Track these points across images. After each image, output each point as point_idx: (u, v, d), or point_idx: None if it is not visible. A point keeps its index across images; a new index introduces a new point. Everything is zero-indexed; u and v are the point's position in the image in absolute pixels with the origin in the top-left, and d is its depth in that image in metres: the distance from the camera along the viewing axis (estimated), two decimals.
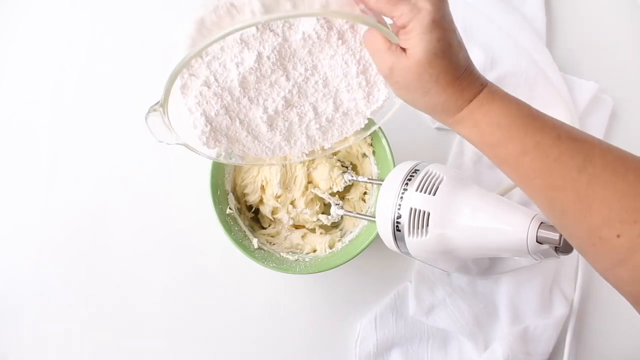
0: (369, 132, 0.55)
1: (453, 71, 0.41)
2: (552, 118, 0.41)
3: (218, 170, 0.57)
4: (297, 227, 0.62)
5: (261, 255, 0.57)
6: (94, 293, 0.63)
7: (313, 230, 0.61)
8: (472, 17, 0.69)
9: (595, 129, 0.67)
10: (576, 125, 0.66)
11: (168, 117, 0.44)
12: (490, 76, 0.67)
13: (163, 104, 0.42)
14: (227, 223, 0.57)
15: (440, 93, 0.41)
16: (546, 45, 0.68)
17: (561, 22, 0.70)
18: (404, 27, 0.40)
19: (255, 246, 0.57)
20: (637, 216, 0.35)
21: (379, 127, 0.58)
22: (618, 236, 0.35)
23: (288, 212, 0.60)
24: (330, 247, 0.59)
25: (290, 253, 0.59)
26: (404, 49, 0.41)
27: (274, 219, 0.61)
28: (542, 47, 0.68)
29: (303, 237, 0.60)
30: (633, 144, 0.68)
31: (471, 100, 0.42)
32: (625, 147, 0.68)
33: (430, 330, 0.63)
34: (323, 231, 0.61)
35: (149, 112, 0.43)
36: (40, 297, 0.63)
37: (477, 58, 0.68)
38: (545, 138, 0.39)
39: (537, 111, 0.41)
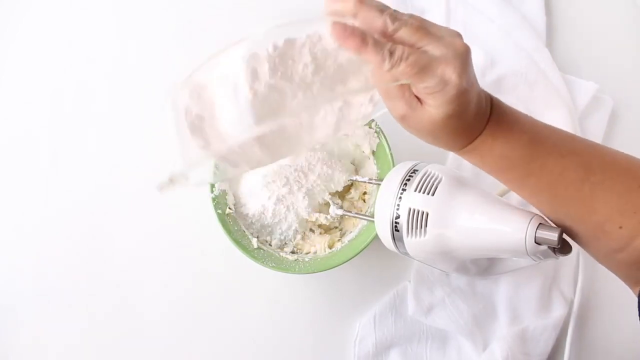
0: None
1: (465, 126, 0.41)
2: (553, 132, 0.43)
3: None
4: None
5: (261, 255, 0.57)
6: (94, 293, 0.63)
7: (312, 230, 0.61)
8: (472, 17, 0.69)
9: (595, 129, 0.67)
10: (576, 125, 0.66)
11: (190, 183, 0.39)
12: (490, 76, 0.67)
13: (186, 179, 0.39)
14: (227, 223, 0.57)
15: (450, 141, 0.42)
16: (546, 45, 0.68)
17: (561, 22, 0.70)
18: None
19: (255, 246, 0.58)
20: (636, 207, 0.39)
21: (379, 128, 0.58)
22: (620, 227, 0.39)
23: None
24: (330, 247, 0.59)
25: (289, 253, 0.59)
26: (418, 97, 0.39)
27: None
28: (542, 47, 0.68)
29: (302, 237, 0.60)
30: (633, 144, 0.68)
31: (477, 137, 0.42)
32: (625, 147, 0.67)
33: (429, 330, 0.63)
34: (322, 231, 0.61)
35: (168, 183, 0.38)
36: (40, 298, 0.63)
37: (477, 58, 0.68)
38: (549, 159, 0.41)
39: (540, 131, 0.42)
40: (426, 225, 0.44)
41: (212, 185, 0.57)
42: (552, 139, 0.42)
